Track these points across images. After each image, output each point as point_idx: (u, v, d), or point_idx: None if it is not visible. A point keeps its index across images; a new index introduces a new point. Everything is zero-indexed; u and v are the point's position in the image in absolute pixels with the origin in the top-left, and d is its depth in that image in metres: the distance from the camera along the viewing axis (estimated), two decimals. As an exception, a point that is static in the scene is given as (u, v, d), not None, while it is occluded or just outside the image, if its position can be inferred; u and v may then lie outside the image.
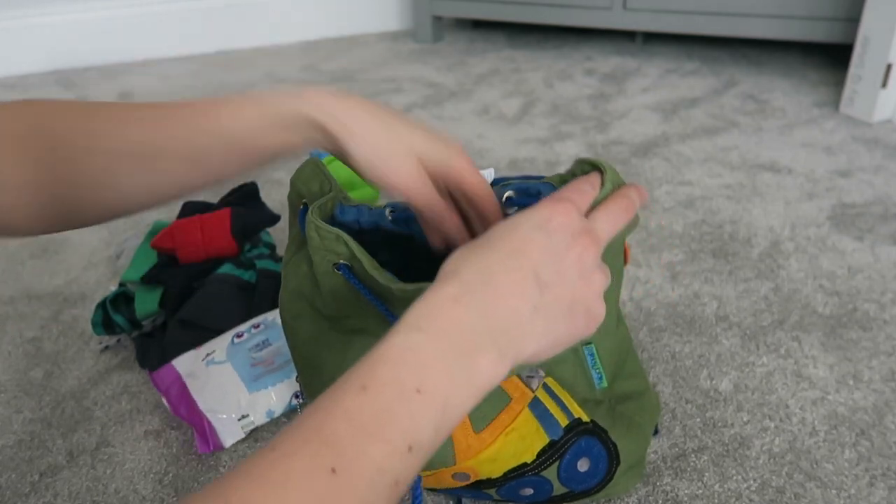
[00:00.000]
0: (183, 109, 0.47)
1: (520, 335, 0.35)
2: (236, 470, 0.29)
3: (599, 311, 0.39)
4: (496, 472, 0.54)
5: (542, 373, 0.54)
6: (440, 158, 0.48)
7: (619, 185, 0.47)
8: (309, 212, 0.52)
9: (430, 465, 0.53)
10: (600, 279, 0.39)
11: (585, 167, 0.50)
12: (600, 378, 0.56)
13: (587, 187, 0.44)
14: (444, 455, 0.52)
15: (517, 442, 0.53)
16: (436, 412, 0.32)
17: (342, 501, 0.29)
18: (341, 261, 0.50)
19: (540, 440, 0.53)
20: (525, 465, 0.54)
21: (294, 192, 0.57)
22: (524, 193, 0.51)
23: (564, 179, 0.51)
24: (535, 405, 0.53)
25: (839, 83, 1.53)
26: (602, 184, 0.46)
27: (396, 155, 0.47)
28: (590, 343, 0.55)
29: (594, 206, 0.44)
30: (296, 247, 0.57)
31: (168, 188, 0.48)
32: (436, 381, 0.32)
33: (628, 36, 1.97)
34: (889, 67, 1.30)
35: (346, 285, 0.52)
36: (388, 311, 0.50)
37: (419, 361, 0.32)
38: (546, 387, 0.54)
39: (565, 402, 0.54)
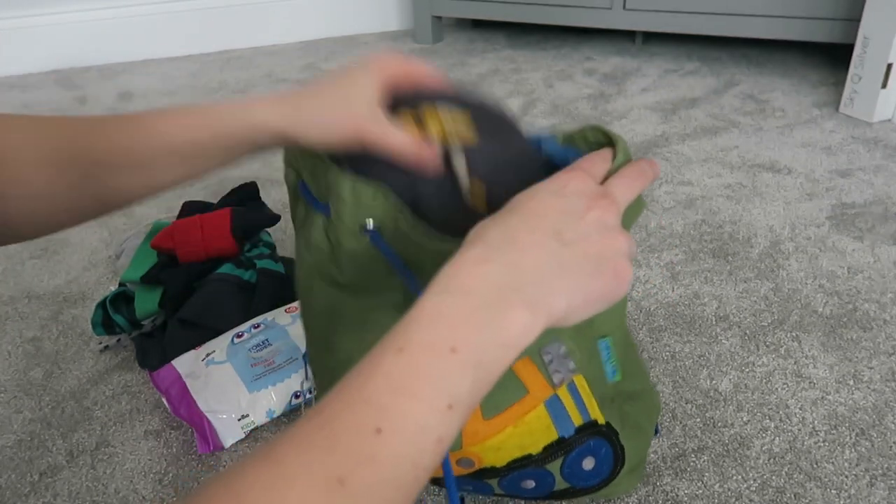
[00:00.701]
0: (137, 119, 0.50)
1: (547, 290, 0.35)
2: (284, 435, 0.30)
3: (627, 270, 0.39)
4: (500, 461, 0.54)
5: (572, 365, 0.52)
6: (385, 77, 0.50)
7: (629, 159, 0.47)
8: (339, 171, 0.50)
9: None
10: (624, 240, 0.39)
11: (598, 135, 0.50)
12: (614, 371, 0.55)
13: (599, 160, 0.45)
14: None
15: (525, 436, 0.52)
16: (472, 369, 0.32)
17: (390, 460, 0.30)
18: (371, 222, 0.48)
19: (549, 436, 0.53)
20: (530, 456, 0.54)
21: (292, 171, 0.56)
22: None
23: (570, 137, 0.52)
24: (553, 403, 0.52)
25: (839, 83, 1.53)
26: (614, 156, 0.46)
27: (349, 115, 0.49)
28: (605, 336, 0.54)
29: (607, 178, 0.44)
30: (300, 222, 0.57)
31: (152, 187, 0.51)
32: (469, 340, 0.33)
33: (628, 36, 1.97)
34: (889, 67, 1.30)
35: (367, 252, 0.50)
36: (412, 277, 0.48)
37: (451, 322, 0.33)
38: (572, 386, 0.53)
39: (586, 403, 0.54)
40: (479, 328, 0.33)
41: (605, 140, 0.49)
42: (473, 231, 0.39)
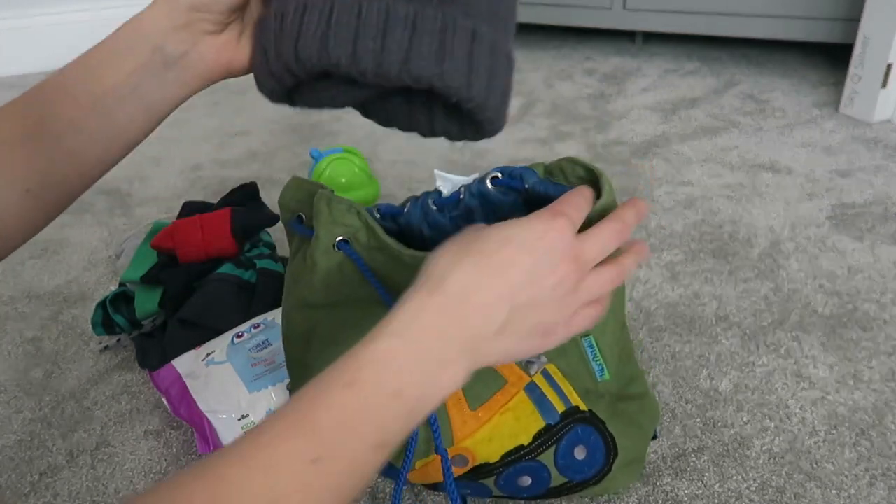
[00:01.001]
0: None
1: (483, 351, 0.39)
2: (228, 449, 0.31)
3: (558, 333, 0.41)
4: (493, 454, 0.54)
5: (543, 359, 0.55)
6: None
7: (613, 199, 0.48)
8: (318, 193, 0.52)
9: (429, 452, 0.53)
10: (571, 303, 0.41)
11: (577, 169, 0.52)
12: (602, 370, 0.57)
13: (582, 201, 0.45)
14: (442, 436, 0.52)
15: (513, 422, 0.54)
16: (408, 414, 0.35)
17: (321, 489, 0.31)
18: (344, 237, 0.51)
19: (536, 423, 0.54)
20: (521, 447, 0.54)
21: (287, 212, 0.58)
22: (508, 175, 0.54)
23: (549, 171, 0.54)
24: (532, 389, 0.54)
25: (839, 83, 1.53)
26: (599, 194, 0.47)
27: None
28: (588, 335, 0.56)
29: (589, 220, 0.45)
30: (290, 258, 0.59)
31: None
32: (411, 386, 0.35)
33: (628, 36, 1.97)
34: (889, 67, 1.30)
35: (340, 268, 0.52)
36: (383, 290, 0.51)
37: (399, 366, 0.35)
38: (546, 373, 0.55)
39: (564, 389, 0.55)
40: (422, 377, 0.35)
41: (585, 173, 0.51)
42: (438, 261, 0.39)
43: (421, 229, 0.57)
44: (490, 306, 0.38)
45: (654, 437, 0.68)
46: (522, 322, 0.39)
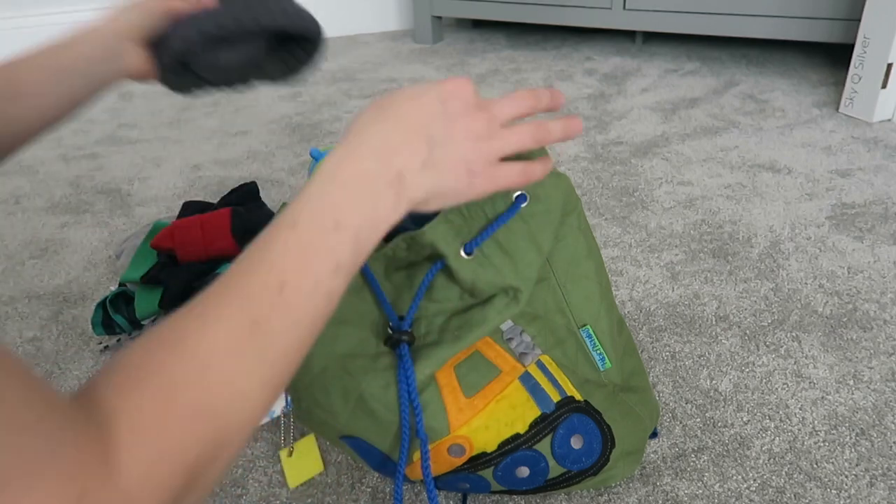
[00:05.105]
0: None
1: (412, 184, 0.43)
2: (199, 297, 0.35)
3: (481, 176, 0.45)
4: (491, 443, 0.54)
5: (538, 350, 0.56)
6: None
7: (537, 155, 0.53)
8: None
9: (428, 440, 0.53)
10: (488, 149, 0.45)
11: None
12: (603, 359, 0.58)
13: (512, 102, 0.47)
14: (438, 424, 0.53)
15: (508, 410, 0.54)
16: (353, 241, 0.40)
17: (291, 310, 0.36)
18: None
19: (531, 411, 0.55)
20: (518, 435, 0.55)
21: None
22: None
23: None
24: (526, 379, 0.55)
25: (839, 83, 1.53)
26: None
27: None
28: (585, 325, 0.57)
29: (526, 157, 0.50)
30: None
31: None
32: (348, 217, 0.40)
33: (628, 36, 1.97)
34: (889, 67, 1.30)
35: None
36: (371, 276, 0.53)
37: (332, 203, 0.40)
38: (540, 364, 0.56)
39: (559, 380, 0.56)
40: (357, 208, 0.40)
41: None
42: (356, 124, 0.44)
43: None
44: (408, 143, 0.43)
45: (655, 436, 0.68)
46: (444, 157, 0.43)
